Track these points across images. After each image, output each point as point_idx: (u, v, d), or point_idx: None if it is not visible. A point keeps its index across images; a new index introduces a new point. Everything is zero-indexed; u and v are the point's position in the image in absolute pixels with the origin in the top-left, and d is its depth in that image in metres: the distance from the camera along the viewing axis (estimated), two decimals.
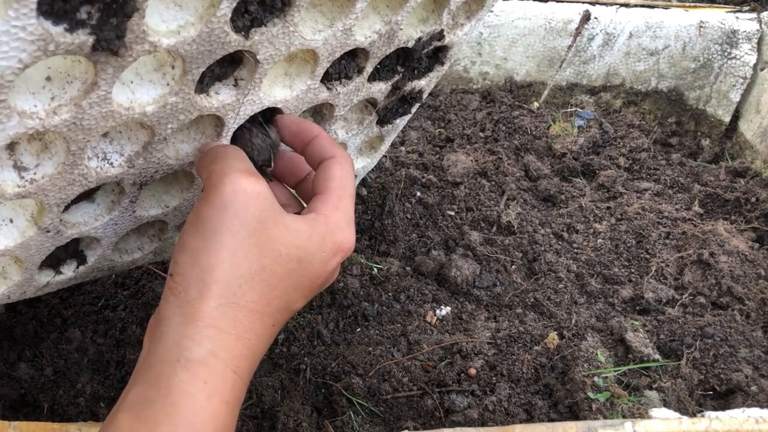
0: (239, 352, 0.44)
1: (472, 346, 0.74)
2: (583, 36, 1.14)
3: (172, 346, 0.43)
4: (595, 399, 0.65)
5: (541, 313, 0.83)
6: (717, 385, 0.69)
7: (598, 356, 0.70)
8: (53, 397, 0.66)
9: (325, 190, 0.51)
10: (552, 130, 1.12)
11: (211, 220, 0.45)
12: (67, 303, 0.78)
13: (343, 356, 0.71)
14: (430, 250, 0.93)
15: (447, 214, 0.98)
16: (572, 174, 1.08)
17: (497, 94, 1.18)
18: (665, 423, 0.53)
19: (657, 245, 0.91)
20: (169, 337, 0.43)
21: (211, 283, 0.44)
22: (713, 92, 1.18)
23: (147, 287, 0.77)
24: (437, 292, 0.85)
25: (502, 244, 0.94)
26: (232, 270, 0.45)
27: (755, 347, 0.73)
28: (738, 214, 0.98)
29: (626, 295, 0.84)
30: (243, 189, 0.46)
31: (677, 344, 0.74)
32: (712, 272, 0.85)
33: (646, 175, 1.08)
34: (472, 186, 1.02)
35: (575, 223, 0.98)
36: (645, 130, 1.16)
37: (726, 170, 1.08)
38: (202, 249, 0.45)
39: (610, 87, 1.19)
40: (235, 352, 0.44)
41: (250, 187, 0.46)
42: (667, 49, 1.14)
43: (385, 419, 0.67)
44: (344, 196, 0.52)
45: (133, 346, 0.72)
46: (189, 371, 0.42)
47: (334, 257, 0.50)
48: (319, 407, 0.68)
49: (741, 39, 1.11)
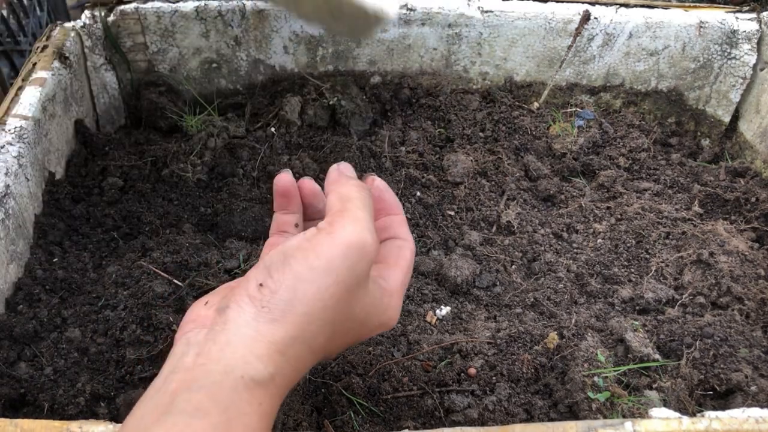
0: (288, 381, 0.46)
1: (472, 346, 0.74)
2: (583, 36, 1.14)
3: (238, 359, 0.43)
4: (595, 399, 0.65)
5: (541, 313, 0.83)
6: (717, 385, 0.69)
7: (598, 356, 0.70)
8: (53, 397, 0.66)
9: (396, 267, 0.55)
10: (552, 130, 1.12)
11: (326, 258, 0.46)
12: (67, 303, 0.78)
13: (343, 356, 0.71)
14: (430, 250, 0.93)
15: (447, 214, 0.98)
16: (572, 174, 1.08)
17: (497, 94, 1.18)
18: (665, 423, 0.53)
19: (657, 245, 0.91)
20: (235, 348, 0.43)
21: (299, 314, 0.45)
22: (713, 92, 1.18)
23: (147, 287, 0.77)
24: (437, 291, 0.85)
25: (501, 244, 0.94)
26: (321, 312, 0.46)
27: (755, 347, 0.73)
28: (738, 214, 0.98)
29: (626, 295, 0.84)
30: (365, 246, 0.47)
31: (677, 344, 0.74)
32: (712, 272, 0.85)
33: (646, 175, 1.08)
34: (472, 186, 1.02)
35: (575, 223, 0.98)
36: (645, 130, 1.16)
37: (726, 170, 1.08)
38: (306, 279, 0.45)
39: (610, 87, 1.19)
40: (287, 381, 0.45)
41: (370, 247, 0.47)
42: (666, 49, 1.14)
43: (385, 419, 0.67)
44: (407, 281, 0.55)
45: (133, 346, 0.72)
46: (249, 391, 0.42)
47: (379, 328, 0.53)
48: (319, 407, 0.68)
49: (741, 39, 1.11)
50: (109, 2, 1.10)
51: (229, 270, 0.82)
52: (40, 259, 0.82)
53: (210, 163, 1.01)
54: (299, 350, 0.45)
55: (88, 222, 0.90)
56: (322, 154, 1.05)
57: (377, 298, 0.51)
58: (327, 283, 0.45)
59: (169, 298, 0.77)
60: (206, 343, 0.44)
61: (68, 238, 0.87)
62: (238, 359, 0.43)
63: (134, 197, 0.95)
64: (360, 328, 0.51)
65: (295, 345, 0.45)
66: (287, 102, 1.14)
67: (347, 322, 0.49)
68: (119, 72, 1.13)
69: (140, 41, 1.11)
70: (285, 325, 0.44)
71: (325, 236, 0.47)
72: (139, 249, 0.86)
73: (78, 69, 1.04)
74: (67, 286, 0.80)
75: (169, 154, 1.00)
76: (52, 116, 0.93)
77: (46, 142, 0.90)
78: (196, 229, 0.93)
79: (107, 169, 0.97)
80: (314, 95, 1.16)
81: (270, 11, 1.11)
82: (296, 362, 0.46)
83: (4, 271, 0.75)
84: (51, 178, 0.91)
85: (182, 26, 1.11)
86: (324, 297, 0.45)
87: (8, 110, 0.86)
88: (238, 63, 1.16)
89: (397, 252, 0.56)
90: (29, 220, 0.83)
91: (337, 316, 0.47)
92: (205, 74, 1.17)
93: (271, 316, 0.44)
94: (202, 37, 1.12)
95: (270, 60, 1.16)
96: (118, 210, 0.92)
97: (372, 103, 1.17)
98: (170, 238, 0.88)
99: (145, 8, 1.09)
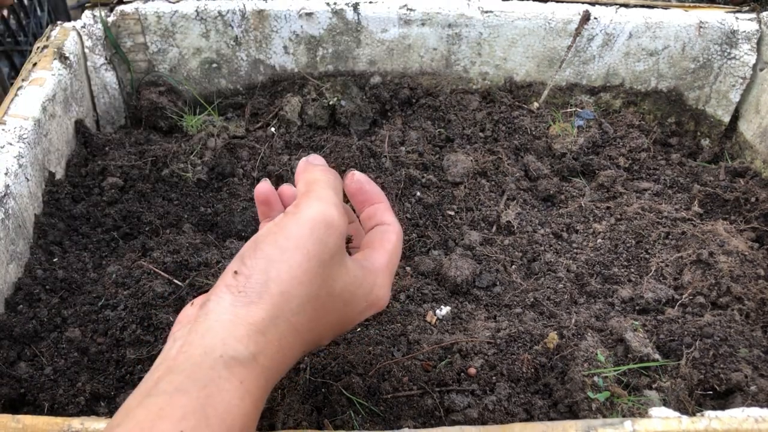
0: (276, 363, 0.46)
1: (472, 346, 0.74)
2: (583, 36, 1.14)
3: (217, 342, 0.44)
4: (594, 398, 0.65)
5: (541, 313, 0.83)
6: (717, 385, 0.69)
7: (597, 356, 0.70)
8: (53, 396, 0.67)
9: (381, 249, 0.56)
10: (552, 130, 1.12)
11: (294, 237, 0.47)
12: (67, 303, 0.78)
13: (343, 356, 0.71)
14: (430, 250, 0.93)
15: (447, 214, 0.99)
16: (572, 174, 1.08)
17: (497, 94, 1.18)
18: (665, 422, 0.53)
19: (656, 245, 0.91)
20: (215, 333, 0.44)
21: (275, 294, 0.46)
22: (713, 92, 1.18)
23: (147, 287, 0.77)
24: (437, 291, 0.85)
25: (501, 244, 0.94)
26: (296, 289, 0.47)
27: (755, 347, 0.73)
28: (737, 214, 0.98)
29: (626, 295, 0.84)
30: (331, 221, 0.48)
31: (677, 344, 0.74)
32: (712, 272, 0.85)
33: (646, 175, 1.08)
34: (472, 186, 1.02)
35: (575, 223, 0.98)
36: (645, 130, 1.16)
37: (725, 170, 1.08)
38: (277, 260, 0.47)
39: (610, 87, 1.19)
40: (273, 362, 0.46)
41: (337, 222, 0.49)
42: (666, 50, 1.14)
43: (385, 419, 0.67)
44: (395, 262, 0.57)
45: (133, 345, 0.72)
46: (229, 369, 0.43)
47: (369, 309, 0.54)
48: (319, 406, 0.68)
49: (741, 39, 1.11)
50: (109, 2, 1.10)
51: None
52: (40, 259, 0.82)
53: (210, 163, 1.01)
54: (282, 329, 0.46)
55: (88, 222, 0.90)
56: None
57: (359, 278, 0.52)
58: (298, 260, 0.47)
59: (169, 298, 0.77)
60: (189, 334, 0.45)
61: (68, 238, 0.87)
62: (218, 342, 0.44)
63: (134, 197, 0.95)
64: (345, 308, 0.52)
65: (276, 324, 0.46)
66: (287, 102, 1.14)
67: (329, 299, 0.49)
68: (119, 72, 1.13)
69: (140, 41, 1.12)
70: (263, 306, 0.45)
71: (291, 217, 0.48)
72: (139, 249, 0.86)
73: (78, 69, 1.04)
74: (67, 285, 0.80)
75: (169, 154, 1.00)
76: (52, 116, 0.93)
77: (46, 142, 0.90)
78: (196, 229, 0.93)
79: (107, 169, 0.97)
80: (314, 95, 1.16)
81: (270, 11, 1.11)
82: (280, 342, 0.46)
83: (4, 271, 0.75)
84: (51, 178, 0.91)
85: (182, 26, 1.11)
86: (297, 274, 0.46)
87: (8, 110, 0.87)
88: (238, 63, 1.16)
89: (381, 236, 0.57)
90: (29, 220, 0.83)
91: (315, 292, 0.48)
92: (205, 74, 1.17)
93: (248, 299, 0.45)
94: (202, 37, 1.12)
95: (270, 60, 1.16)
96: (118, 210, 0.92)
97: (372, 103, 1.17)
98: (170, 238, 0.88)
99: (145, 8, 1.09)
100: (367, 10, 1.12)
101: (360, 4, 1.12)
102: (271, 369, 0.46)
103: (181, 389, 0.41)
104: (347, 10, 1.12)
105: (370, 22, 1.13)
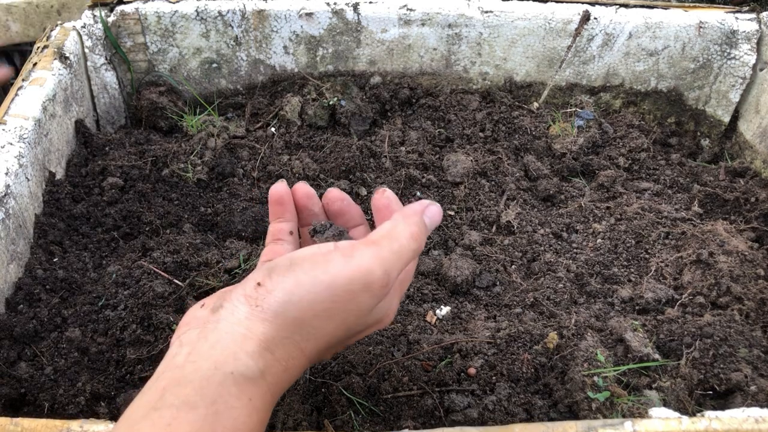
0: (280, 380, 0.46)
1: (472, 346, 0.74)
2: (583, 36, 1.14)
3: (228, 355, 0.43)
4: (594, 398, 0.65)
5: (541, 313, 0.83)
6: (716, 385, 0.69)
7: (597, 356, 0.70)
8: (53, 396, 0.67)
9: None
10: (552, 130, 1.12)
11: (331, 275, 0.46)
12: (67, 303, 0.78)
13: (343, 356, 0.71)
14: (430, 250, 0.93)
15: (447, 214, 0.99)
16: (572, 174, 1.08)
17: (497, 95, 1.18)
18: (665, 422, 0.53)
19: (656, 245, 0.91)
20: (226, 345, 0.44)
21: (290, 318, 0.45)
22: (713, 92, 1.18)
23: (147, 287, 0.77)
24: (437, 291, 0.85)
25: (501, 244, 0.94)
26: (313, 321, 0.46)
27: (754, 347, 0.73)
28: (737, 214, 0.98)
29: (625, 295, 0.84)
30: (371, 284, 0.47)
31: (677, 344, 0.74)
32: (712, 272, 0.85)
33: (646, 175, 1.08)
34: (472, 186, 1.02)
35: (575, 223, 0.98)
36: (645, 130, 1.16)
37: (725, 170, 1.08)
38: (305, 288, 0.46)
39: (610, 87, 1.19)
40: (278, 380, 0.46)
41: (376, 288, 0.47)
42: (666, 50, 1.14)
43: (385, 419, 0.67)
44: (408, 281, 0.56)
45: (133, 345, 0.72)
46: (239, 386, 0.42)
47: (375, 326, 0.54)
48: (319, 406, 0.68)
49: (740, 39, 1.11)
50: (109, 2, 1.10)
51: (229, 270, 0.82)
52: (40, 259, 0.82)
53: (210, 163, 1.01)
54: (289, 350, 0.46)
55: (88, 222, 0.90)
56: (322, 153, 1.05)
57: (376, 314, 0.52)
58: (324, 298, 0.46)
59: (169, 298, 0.77)
60: (198, 341, 0.45)
61: (68, 238, 0.87)
62: (228, 355, 0.43)
63: (134, 197, 0.95)
64: (355, 336, 0.52)
65: (285, 344, 0.46)
66: (287, 102, 1.14)
67: (341, 334, 0.49)
68: (119, 72, 1.13)
69: (140, 41, 1.12)
70: (277, 326, 0.45)
71: (341, 255, 0.47)
72: (140, 249, 0.86)
73: (78, 69, 1.04)
74: (68, 285, 0.80)
75: (169, 154, 1.00)
76: (53, 116, 0.93)
77: (47, 142, 0.90)
78: (196, 229, 0.93)
79: (107, 169, 0.97)
80: (314, 95, 1.16)
81: (270, 11, 1.11)
82: (287, 362, 0.46)
83: (4, 270, 0.76)
84: (51, 178, 0.91)
85: (182, 26, 1.11)
86: (317, 309, 0.46)
87: (8, 110, 0.87)
88: (238, 63, 1.16)
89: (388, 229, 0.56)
90: (29, 220, 0.83)
91: (331, 330, 0.47)
92: (205, 74, 1.17)
93: (263, 316, 0.45)
94: (202, 37, 1.12)
95: (270, 60, 1.16)
96: (118, 210, 0.92)
97: (372, 103, 1.17)
98: (170, 238, 0.88)
99: (145, 8, 1.09)
100: (367, 10, 1.12)
101: (360, 4, 1.12)
102: (276, 385, 0.46)
103: (189, 403, 0.40)
104: (347, 10, 1.12)
105: (370, 22, 1.13)
